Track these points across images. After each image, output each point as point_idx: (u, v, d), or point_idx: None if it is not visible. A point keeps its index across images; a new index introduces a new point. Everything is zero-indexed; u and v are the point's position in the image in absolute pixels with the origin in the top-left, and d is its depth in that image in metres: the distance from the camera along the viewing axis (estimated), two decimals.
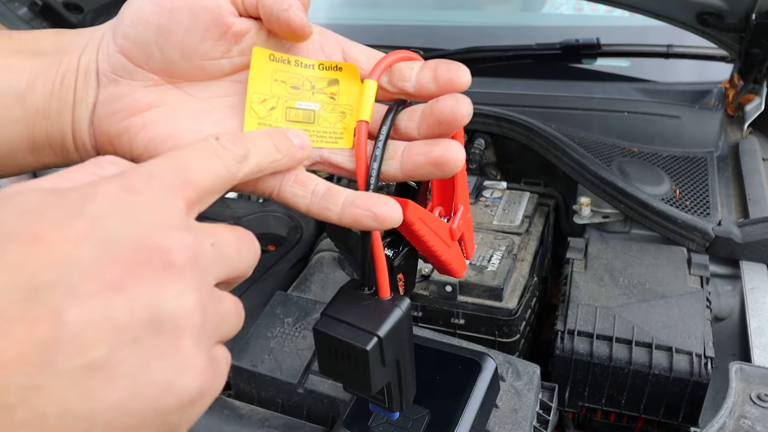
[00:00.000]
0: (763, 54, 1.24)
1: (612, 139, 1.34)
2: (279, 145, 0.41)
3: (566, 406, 0.98)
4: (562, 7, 1.99)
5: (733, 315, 1.07)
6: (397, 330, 0.46)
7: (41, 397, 0.25)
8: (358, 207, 0.40)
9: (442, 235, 0.50)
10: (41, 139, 0.44)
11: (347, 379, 0.49)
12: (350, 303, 0.47)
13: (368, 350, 0.44)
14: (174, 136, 0.43)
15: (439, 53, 1.60)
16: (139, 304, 0.27)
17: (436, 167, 0.42)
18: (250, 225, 1.34)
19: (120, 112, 0.43)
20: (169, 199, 0.32)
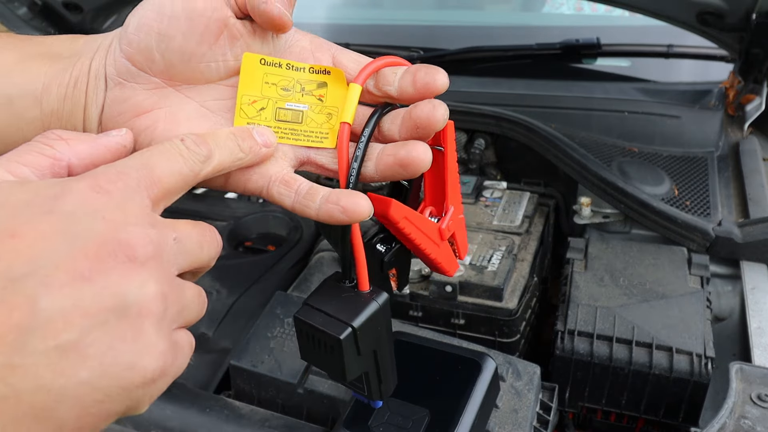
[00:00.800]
0: (764, 54, 1.24)
1: (612, 139, 1.34)
2: (242, 144, 0.44)
3: (566, 406, 0.98)
4: (562, 7, 1.98)
5: (733, 315, 1.07)
6: (373, 322, 0.48)
7: (17, 375, 0.28)
8: (329, 202, 0.43)
9: (430, 234, 0.51)
10: None
11: (325, 365, 0.51)
12: (331, 294, 0.49)
13: (342, 339, 0.46)
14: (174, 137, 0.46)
15: (439, 53, 1.60)
16: (105, 293, 0.31)
17: (402, 167, 0.44)
18: (250, 225, 1.34)
19: (125, 113, 0.47)
20: (135, 197, 0.35)
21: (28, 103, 0.47)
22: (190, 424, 0.81)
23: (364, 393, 0.53)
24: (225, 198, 1.51)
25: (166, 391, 0.87)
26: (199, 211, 1.38)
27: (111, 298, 0.31)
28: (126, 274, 0.32)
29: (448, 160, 0.52)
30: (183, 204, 1.41)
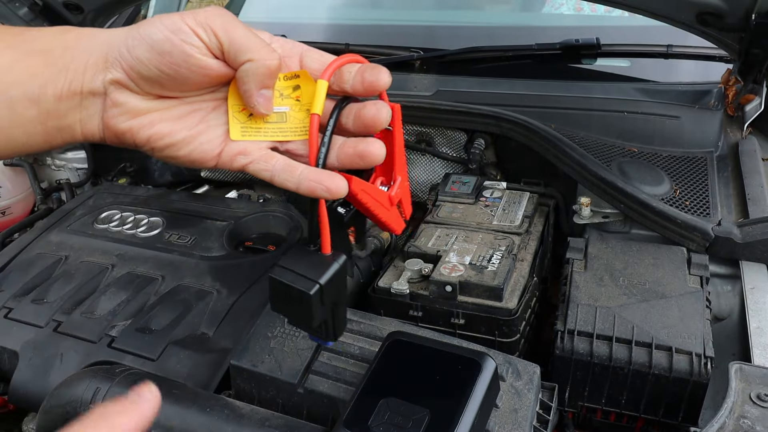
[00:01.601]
0: (763, 54, 1.24)
1: (612, 139, 1.34)
2: None
3: (566, 405, 0.98)
4: (562, 7, 1.98)
5: (732, 315, 1.07)
6: (334, 279, 0.58)
7: None
8: (313, 180, 0.53)
9: (382, 201, 0.61)
10: (53, 131, 0.55)
11: (294, 316, 0.61)
12: (299, 256, 0.58)
13: (311, 294, 0.56)
14: (170, 134, 0.56)
15: (439, 53, 1.60)
16: None
17: (360, 158, 0.55)
18: (250, 225, 1.34)
19: (124, 114, 0.55)
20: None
21: (26, 103, 0.53)
22: (190, 423, 0.81)
23: (322, 336, 0.63)
24: (225, 198, 1.51)
25: (167, 391, 0.88)
26: (200, 211, 1.38)
27: None
28: None
29: (396, 137, 0.61)
30: (184, 204, 1.42)
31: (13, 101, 0.52)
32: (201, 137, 0.57)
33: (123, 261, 1.21)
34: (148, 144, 0.56)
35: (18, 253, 1.27)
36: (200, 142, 0.56)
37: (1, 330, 1.06)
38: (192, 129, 0.56)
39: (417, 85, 1.53)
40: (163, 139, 0.56)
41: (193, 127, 0.56)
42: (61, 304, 1.09)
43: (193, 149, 0.56)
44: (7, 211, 1.65)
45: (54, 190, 1.68)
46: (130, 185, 1.65)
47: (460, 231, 1.15)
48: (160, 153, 0.57)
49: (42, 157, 1.76)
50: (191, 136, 0.56)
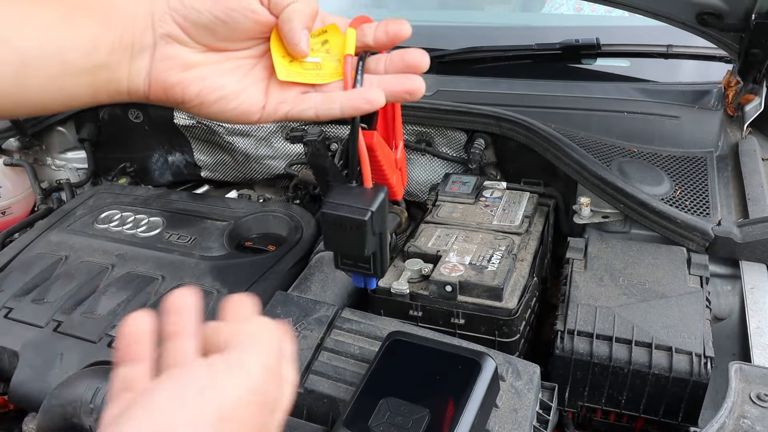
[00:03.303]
0: (763, 54, 1.24)
1: (612, 139, 1.34)
2: None
3: (566, 405, 0.98)
4: (562, 7, 1.99)
5: (732, 315, 1.07)
6: (381, 208, 0.63)
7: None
8: (354, 98, 0.57)
9: (391, 162, 0.67)
10: (101, 85, 0.56)
11: (348, 247, 0.65)
12: (344, 192, 0.64)
13: (366, 220, 0.61)
14: (221, 87, 0.58)
15: (439, 53, 1.60)
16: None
17: (409, 94, 0.59)
18: (250, 225, 1.34)
19: (174, 68, 0.57)
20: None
21: (77, 54, 0.54)
22: None
23: (369, 271, 0.68)
24: (225, 198, 1.51)
25: None
26: (200, 211, 1.38)
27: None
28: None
29: (397, 105, 0.67)
30: (184, 204, 1.42)
31: (64, 52, 0.53)
32: (248, 91, 0.59)
33: (123, 261, 1.21)
34: (197, 98, 0.58)
35: (18, 253, 1.27)
36: (248, 95, 0.59)
37: (1, 330, 1.06)
38: (239, 83, 0.59)
39: None
40: (214, 92, 0.58)
41: (240, 81, 0.59)
42: (61, 304, 1.09)
43: (241, 102, 0.59)
44: (7, 211, 1.65)
45: (54, 190, 1.68)
46: (130, 185, 1.65)
47: (460, 231, 1.15)
48: (208, 108, 0.59)
49: (42, 157, 1.76)
50: (239, 90, 0.59)
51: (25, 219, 1.51)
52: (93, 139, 1.72)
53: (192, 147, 1.71)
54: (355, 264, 0.69)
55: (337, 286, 1.11)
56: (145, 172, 1.77)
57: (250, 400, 0.41)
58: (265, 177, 1.66)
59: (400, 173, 0.71)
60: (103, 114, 1.72)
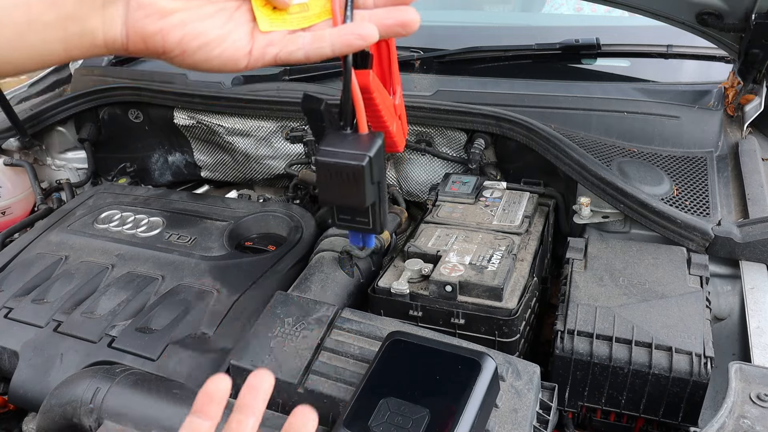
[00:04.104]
0: (763, 54, 1.24)
1: (612, 139, 1.34)
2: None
3: (566, 405, 0.98)
4: (562, 8, 1.99)
5: (732, 315, 1.07)
6: (379, 154, 0.59)
7: None
8: (345, 34, 0.53)
9: (389, 108, 0.62)
10: (73, 37, 0.53)
11: (346, 197, 0.61)
12: (339, 139, 0.59)
13: (364, 166, 0.57)
14: (203, 33, 0.54)
15: (439, 53, 1.60)
16: None
17: (402, 27, 0.55)
18: (250, 225, 1.34)
19: (152, 15, 0.53)
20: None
21: (41, 7, 0.50)
22: None
23: (368, 226, 0.63)
24: (225, 198, 1.51)
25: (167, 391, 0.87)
26: (200, 211, 1.38)
27: None
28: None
29: (391, 48, 0.63)
30: (184, 204, 1.42)
31: (30, 4, 0.50)
32: (233, 35, 0.55)
33: (123, 261, 1.21)
34: (179, 46, 0.54)
35: (18, 253, 1.27)
36: (232, 40, 0.55)
37: (1, 330, 1.06)
38: (222, 28, 0.55)
39: (417, 85, 1.53)
40: (196, 39, 0.54)
41: (223, 26, 0.55)
42: (61, 304, 1.09)
43: (225, 48, 0.55)
44: (7, 211, 1.65)
45: (54, 190, 1.68)
46: (130, 185, 1.65)
47: (460, 231, 1.15)
48: (192, 57, 0.55)
49: (42, 157, 1.76)
50: (223, 35, 0.55)
51: (25, 219, 1.51)
52: (93, 139, 1.72)
53: (192, 147, 1.71)
54: (353, 219, 0.64)
55: (337, 286, 1.11)
56: (145, 172, 1.78)
57: None
58: (265, 177, 1.67)
59: (400, 121, 0.67)
60: (103, 114, 1.72)
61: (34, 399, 0.95)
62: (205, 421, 0.53)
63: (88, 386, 0.88)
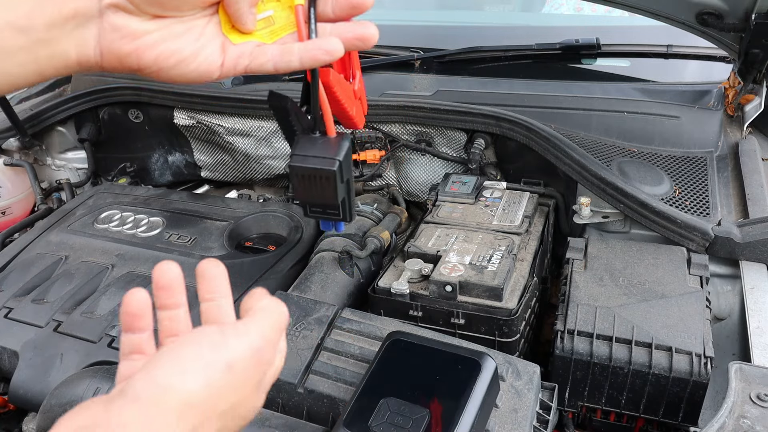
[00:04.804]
0: (763, 54, 1.24)
1: (612, 139, 1.34)
2: None
3: (566, 405, 0.98)
4: (562, 8, 1.99)
5: (732, 315, 1.07)
6: (347, 155, 0.64)
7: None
8: (312, 49, 0.56)
9: (349, 94, 0.66)
10: (45, 60, 0.54)
11: (318, 198, 0.66)
12: (310, 143, 0.64)
13: (335, 171, 0.62)
14: (177, 51, 0.57)
15: (439, 53, 1.60)
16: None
17: (361, 41, 0.58)
18: (250, 225, 1.34)
19: (126, 37, 0.55)
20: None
21: (11, 33, 0.51)
22: None
23: (339, 216, 0.68)
24: (225, 198, 1.51)
25: None
26: (200, 211, 1.38)
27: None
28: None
29: None
30: (184, 204, 1.42)
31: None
32: (205, 50, 0.58)
33: (123, 261, 1.21)
34: (155, 64, 0.57)
35: (18, 253, 1.27)
36: (205, 56, 0.58)
37: (1, 330, 1.06)
38: (195, 44, 0.57)
39: (417, 85, 1.53)
40: (171, 57, 0.57)
41: (194, 42, 0.57)
42: (61, 304, 1.09)
43: (199, 63, 0.58)
44: (7, 211, 1.65)
45: (54, 190, 1.68)
46: (130, 185, 1.65)
47: (460, 231, 1.15)
48: (167, 73, 0.58)
49: (42, 157, 1.76)
50: (196, 51, 0.57)
51: (25, 219, 1.51)
52: (93, 139, 1.72)
53: (192, 147, 1.71)
54: (324, 211, 0.69)
55: (337, 286, 1.11)
56: (145, 172, 1.77)
57: (251, 358, 0.50)
58: (265, 177, 1.67)
59: (360, 103, 0.71)
60: (103, 114, 1.72)
61: (34, 399, 0.95)
62: (140, 333, 0.54)
63: (88, 386, 0.88)
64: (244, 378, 0.49)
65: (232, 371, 0.48)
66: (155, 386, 0.45)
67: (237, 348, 0.49)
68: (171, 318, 0.55)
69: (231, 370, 0.48)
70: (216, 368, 0.47)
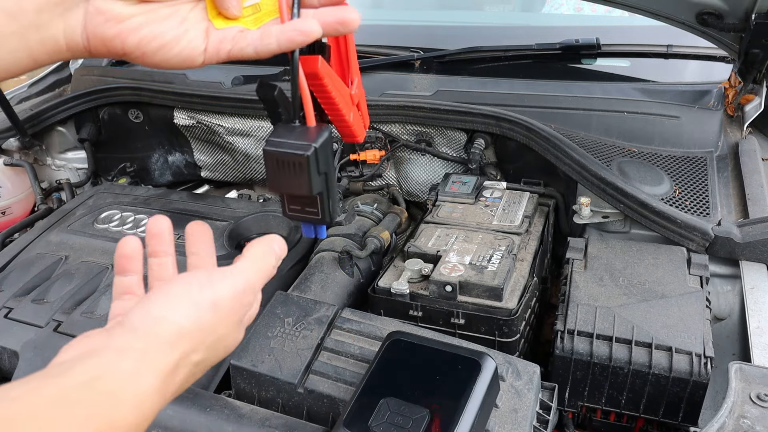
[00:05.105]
0: (763, 54, 1.24)
1: (612, 139, 1.34)
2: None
3: (566, 405, 0.98)
4: (562, 8, 1.98)
5: (732, 315, 1.07)
6: (325, 145, 0.60)
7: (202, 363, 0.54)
8: (288, 30, 0.56)
9: (344, 95, 0.64)
10: (36, 45, 0.55)
11: (292, 187, 0.62)
12: (287, 131, 0.61)
13: (309, 155, 0.59)
14: (160, 35, 0.57)
15: (439, 53, 1.60)
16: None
17: (341, 25, 0.58)
18: (250, 225, 1.34)
19: (110, 21, 0.56)
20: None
21: (5, 19, 0.53)
22: (190, 423, 0.81)
23: (317, 216, 0.65)
24: (225, 198, 1.51)
25: None
26: (200, 211, 1.38)
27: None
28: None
29: (349, 39, 0.64)
30: (184, 204, 1.42)
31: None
32: (188, 35, 0.58)
33: None
34: (138, 48, 0.57)
35: (18, 253, 1.27)
36: (188, 40, 0.58)
37: (1, 330, 1.06)
38: (178, 28, 0.58)
39: (417, 85, 1.53)
40: (154, 41, 0.57)
41: (178, 26, 0.58)
42: (61, 304, 1.09)
43: (182, 48, 0.58)
44: (7, 211, 1.65)
45: (54, 190, 1.68)
46: (130, 185, 1.65)
47: (460, 231, 1.15)
48: (151, 57, 0.58)
49: (42, 157, 1.76)
50: (179, 35, 0.58)
51: (25, 219, 1.51)
52: (93, 139, 1.72)
53: (192, 147, 1.71)
54: (303, 209, 0.66)
55: (337, 286, 1.11)
56: (145, 172, 1.78)
57: (233, 299, 0.55)
58: (265, 177, 1.66)
59: (359, 111, 0.68)
60: (103, 114, 1.72)
61: None
62: (131, 276, 0.60)
63: None
64: (228, 316, 0.54)
65: (216, 309, 0.52)
66: (150, 318, 0.50)
67: (221, 290, 0.54)
68: (160, 264, 0.60)
69: (216, 309, 0.52)
70: (203, 306, 0.52)
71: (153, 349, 0.48)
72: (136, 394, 0.46)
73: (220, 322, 0.53)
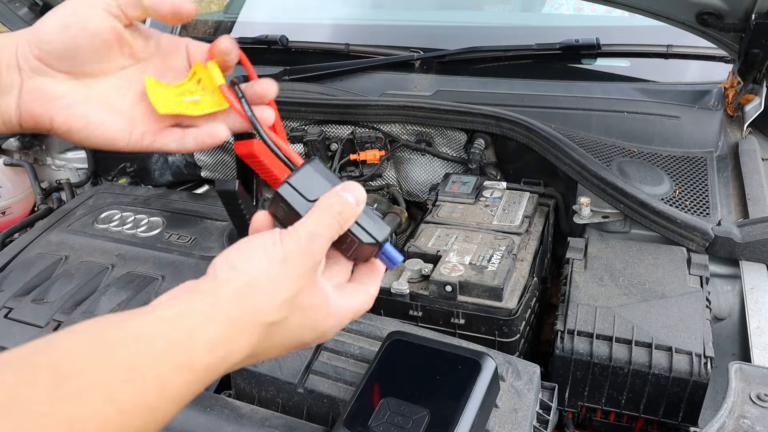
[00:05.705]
0: (763, 54, 1.24)
1: (612, 139, 1.34)
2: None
3: (566, 405, 0.98)
4: (562, 7, 1.98)
5: (732, 315, 1.07)
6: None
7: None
8: (201, 134, 0.63)
9: (278, 163, 0.66)
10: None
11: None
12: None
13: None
14: (85, 116, 0.61)
15: (439, 53, 1.60)
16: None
17: (261, 120, 0.63)
18: None
19: (41, 99, 0.60)
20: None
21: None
22: (190, 423, 0.81)
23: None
24: None
25: None
26: (200, 211, 1.38)
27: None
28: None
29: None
30: (183, 204, 1.42)
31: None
32: (111, 119, 0.62)
33: (123, 261, 1.21)
34: (64, 125, 0.61)
35: (18, 253, 1.27)
36: (111, 124, 0.62)
37: (1, 330, 1.06)
38: (103, 112, 0.61)
39: (417, 85, 1.53)
40: (79, 121, 0.61)
41: (104, 110, 0.62)
42: (61, 304, 1.09)
43: (105, 130, 0.61)
44: (7, 211, 1.65)
45: (54, 190, 1.68)
46: (130, 185, 1.65)
47: (460, 231, 1.15)
48: (76, 134, 0.61)
49: (42, 157, 1.76)
50: (102, 118, 0.61)
51: (25, 219, 1.51)
52: None
53: None
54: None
55: None
56: (145, 172, 1.77)
57: (300, 253, 0.55)
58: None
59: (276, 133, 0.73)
60: None
61: None
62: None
63: None
64: (299, 267, 0.55)
65: (286, 263, 0.54)
66: (228, 267, 0.53)
67: (289, 246, 0.55)
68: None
69: (285, 263, 0.54)
70: (273, 260, 0.54)
71: (224, 297, 0.50)
72: (209, 338, 0.48)
73: (291, 277, 0.55)
